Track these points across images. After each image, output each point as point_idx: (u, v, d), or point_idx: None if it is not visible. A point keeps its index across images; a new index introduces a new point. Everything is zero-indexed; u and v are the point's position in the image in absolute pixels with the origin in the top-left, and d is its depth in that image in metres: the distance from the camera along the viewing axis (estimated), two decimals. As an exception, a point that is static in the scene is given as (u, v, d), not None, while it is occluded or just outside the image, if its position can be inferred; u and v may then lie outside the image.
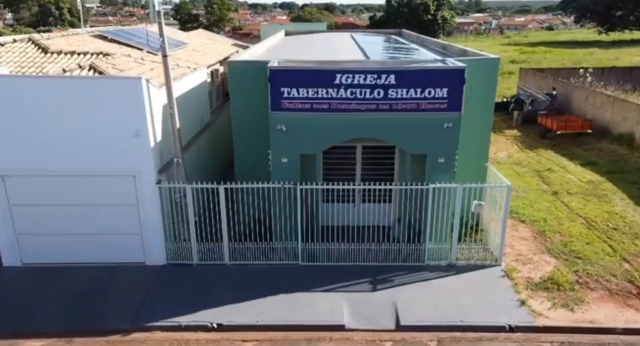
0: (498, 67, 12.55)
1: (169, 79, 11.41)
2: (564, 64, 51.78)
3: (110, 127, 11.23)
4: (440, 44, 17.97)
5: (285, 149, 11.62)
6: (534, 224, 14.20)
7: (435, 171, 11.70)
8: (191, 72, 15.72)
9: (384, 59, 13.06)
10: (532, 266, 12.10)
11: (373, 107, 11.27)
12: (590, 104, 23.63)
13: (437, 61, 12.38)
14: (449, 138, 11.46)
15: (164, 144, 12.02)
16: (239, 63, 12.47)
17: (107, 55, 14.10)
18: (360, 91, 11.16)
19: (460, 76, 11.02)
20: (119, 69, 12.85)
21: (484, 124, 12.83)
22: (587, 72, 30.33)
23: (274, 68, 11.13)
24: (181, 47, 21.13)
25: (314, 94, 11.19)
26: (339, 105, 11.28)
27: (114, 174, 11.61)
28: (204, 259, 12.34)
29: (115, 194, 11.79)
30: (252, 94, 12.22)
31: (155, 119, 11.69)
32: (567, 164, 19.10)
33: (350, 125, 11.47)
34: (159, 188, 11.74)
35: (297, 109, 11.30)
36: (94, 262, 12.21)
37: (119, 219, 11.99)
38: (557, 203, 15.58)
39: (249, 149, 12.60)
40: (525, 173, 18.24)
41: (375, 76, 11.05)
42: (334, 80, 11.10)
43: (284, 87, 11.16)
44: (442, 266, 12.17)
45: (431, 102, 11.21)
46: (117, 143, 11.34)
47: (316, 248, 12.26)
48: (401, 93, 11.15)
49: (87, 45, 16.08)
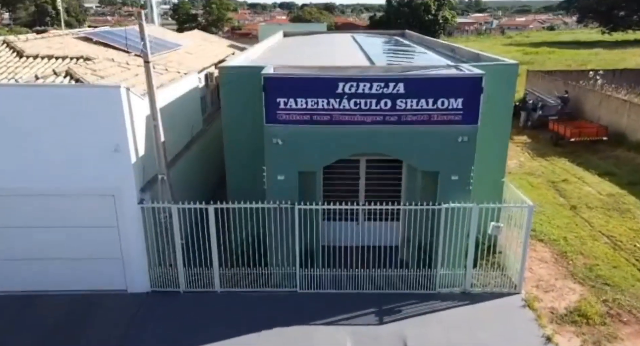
0: (517, 73, 11.38)
1: (151, 87, 10.22)
2: (569, 65, 50.78)
3: (86, 141, 10.06)
4: (448, 46, 16.79)
5: (282, 166, 10.44)
6: (554, 244, 13.02)
7: (449, 189, 10.52)
8: (181, 78, 14.54)
9: (391, 65, 11.90)
10: (556, 294, 10.93)
11: (379, 119, 10.09)
12: (604, 108, 22.46)
13: (450, 67, 11.21)
14: (464, 153, 10.29)
15: (147, 159, 10.84)
16: (231, 69, 11.29)
17: (87, 59, 12.92)
18: (365, 101, 9.98)
19: (477, 85, 9.85)
20: (99, 76, 11.67)
21: (501, 136, 11.66)
22: (597, 74, 29.17)
23: (269, 76, 9.96)
24: (174, 49, 19.95)
25: (314, 104, 10.02)
26: (342, 117, 10.10)
27: (90, 194, 10.43)
28: (193, 286, 11.16)
29: (93, 216, 10.62)
30: (246, 104, 11.03)
31: (138, 132, 10.51)
32: (583, 175, 17.92)
33: (354, 139, 10.30)
34: (142, 209, 10.57)
35: (295, 121, 10.12)
36: (70, 290, 11.01)
37: (98, 243, 10.81)
38: (577, 219, 14.41)
39: (243, 165, 11.41)
40: (540, 185, 17.07)
41: (382, 84, 9.88)
42: (336, 89, 9.93)
43: (280, 97, 9.98)
44: (456, 293, 10.99)
45: (444, 114, 10.03)
46: (94, 159, 10.17)
47: (316, 273, 11.09)
48: (411, 103, 9.98)
49: (69, 49, 14.91)
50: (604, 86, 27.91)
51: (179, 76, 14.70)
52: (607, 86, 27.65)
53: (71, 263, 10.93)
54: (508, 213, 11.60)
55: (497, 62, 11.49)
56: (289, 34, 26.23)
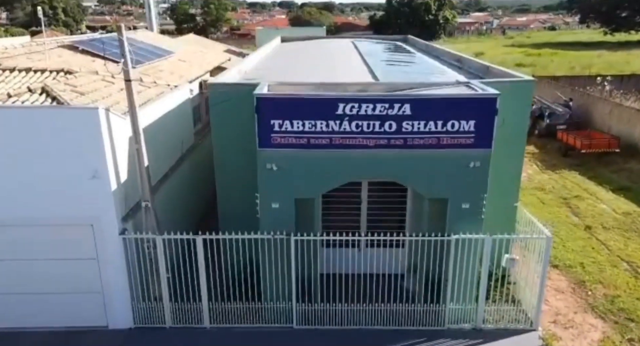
0: (533, 90, 10.47)
1: (134, 108, 9.31)
2: (573, 68, 49.87)
3: (62, 167, 9.15)
4: (454, 56, 15.88)
5: (277, 193, 9.53)
6: (570, 271, 12.13)
7: (459, 218, 9.61)
8: (171, 91, 13.63)
9: (395, 81, 10.99)
10: (576, 332, 10.03)
11: (384, 142, 9.18)
12: (615, 118, 21.56)
13: (460, 85, 10.29)
14: (475, 180, 9.38)
15: (130, 184, 9.93)
16: (221, 87, 10.35)
17: (68, 73, 11.99)
18: (367, 124, 9.07)
19: (492, 106, 8.94)
20: (79, 92, 10.75)
21: (515, 158, 10.75)
22: (605, 80, 28.27)
23: (262, 96, 9.04)
24: (165, 57, 19.02)
25: (312, 127, 9.10)
26: (342, 140, 9.18)
27: (67, 223, 9.52)
28: (180, 321, 10.27)
29: (70, 247, 9.71)
30: (238, 125, 10.09)
31: (119, 156, 9.60)
32: (596, 190, 17.02)
33: (356, 164, 9.39)
34: (123, 239, 9.66)
35: (291, 145, 9.21)
36: (46, 327, 10.11)
37: (76, 276, 9.90)
38: (593, 242, 13.51)
39: (236, 190, 10.47)
40: (551, 202, 16.17)
41: (387, 105, 8.97)
42: (336, 110, 9.02)
43: (275, 119, 9.07)
44: (466, 330, 10.10)
45: (455, 137, 9.12)
46: (70, 186, 9.25)
47: (314, 308, 10.18)
48: (418, 126, 9.07)
49: (51, 59, 13.98)
50: (612, 93, 27.03)
51: (169, 89, 13.78)
52: (615, 93, 26.76)
53: (47, 298, 10.02)
54: (525, 243, 10.69)
55: (512, 79, 10.57)
56: (286, 40, 25.28)
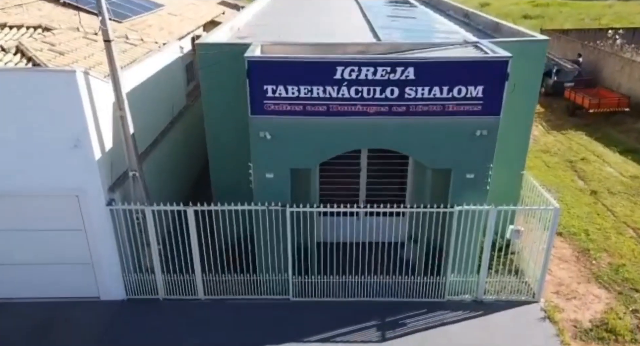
0: (546, 51, 9.74)
1: (115, 71, 8.63)
2: (582, 19, 48.17)
3: (41, 135, 8.60)
4: (462, 10, 14.95)
5: (271, 163, 9.01)
6: (574, 239, 11.79)
7: (463, 188, 9.14)
8: (159, 49, 12.85)
9: (399, 41, 10.23)
10: (579, 303, 9.78)
11: (385, 109, 8.57)
12: (626, 75, 20.71)
13: (468, 45, 9.56)
14: (481, 149, 8.84)
15: (116, 153, 9.40)
16: (211, 47, 9.61)
17: (47, 29, 11.19)
18: (368, 89, 8.43)
19: (502, 70, 8.27)
20: (57, 52, 10.02)
21: (523, 122, 10.17)
22: (617, 33, 27.15)
23: (254, 59, 8.35)
24: (154, 10, 17.99)
25: (308, 92, 8.47)
26: (341, 107, 8.57)
27: (51, 194, 9.07)
28: (173, 293, 10.00)
29: (56, 218, 9.30)
30: (230, 89, 9.48)
31: (103, 123, 9.02)
32: (603, 152, 16.48)
33: (355, 132, 8.82)
34: (111, 211, 9.23)
35: (286, 112, 8.61)
36: (36, 297, 9.87)
37: (64, 247, 9.55)
38: (599, 207, 13.11)
39: (229, 159, 9.94)
40: (556, 165, 15.67)
41: (388, 69, 8.29)
42: (334, 74, 8.35)
43: (268, 84, 8.42)
44: (467, 302, 9.85)
45: (461, 104, 8.51)
46: (52, 156, 8.74)
47: (311, 280, 9.89)
48: (422, 92, 8.43)
49: (30, 12, 13.12)
50: (623, 47, 26.01)
51: (157, 47, 12.99)
52: (627, 47, 25.75)
53: (35, 268, 9.72)
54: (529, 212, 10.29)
55: (524, 39, 9.82)
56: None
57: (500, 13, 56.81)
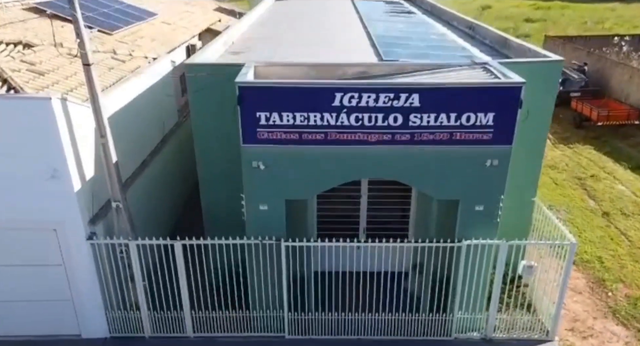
0: (560, 72, 9.08)
1: (96, 98, 7.96)
2: (585, 23, 47.53)
3: (17, 165, 7.94)
4: (466, 22, 14.28)
5: (265, 194, 8.34)
6: (588, 267, 11.13)
7: (471, 221, 8.48)
8: (149, 64, 12.19)
9: (402, 61, 9.56)
10: (596, 342, 9.13)
11: (387, 138, 7.90)
12: (635, 85, 20.04)
13: (476, 66, 8.89)
14: (492, 180, 8.17)
15: (98, 182, 8.74)
16: (200, 68, 8.93)
17: (28, 46, 10.52)
18: (369, 117, 7.77)
19: (515, 97, 7.61)
20: (37, 72, 9.34)
21: (535, 146, 9.51)
22: (623, 40, 26.50)
23: (245, 84, 7.68)
24: (147, 20, 17.34)
25: (304, 120, 7.80)
26: (340, 135, 7.90)
27: (27, 228, 8.41)
28: (160, 330, 9.34)
29: (34, 252, 8.65)
30: (223, 113, 8.78)
31: (83, 151, 8.36)
32: (613, 168, 15.82)
33: (355, 162, 8.15)
34: (92, 245, 8.57)
35: (280, 140, 7.94)
36: (13, 335, 9.21)
37: (42, 283, 8.90)
38: (612, 231, 12.45)
39: (221, 186, 9.26)
40: (565, 182, 15.00)
41: (392, 95, 7.63)
42: (332, 101, 7.69)
43: (261, 111, 7.75)
44: (475, 340, 9.19)
45: (470, 132, 7.84)
46: (27, 187, 8.09)
47: (308, 317, 9.23)
48: (428, 119, 7.76)
49: (14, 26, 12.45)
50: (630, 54, 25.39)
51: (147, 62, 12.33)
52: (633, 54, 25.13)
53: (15, 305, 9.07)
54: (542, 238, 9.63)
55: (537, 59, 9.15)
56: (281, -3, 23.37)
57: (501, 16, 56.14)
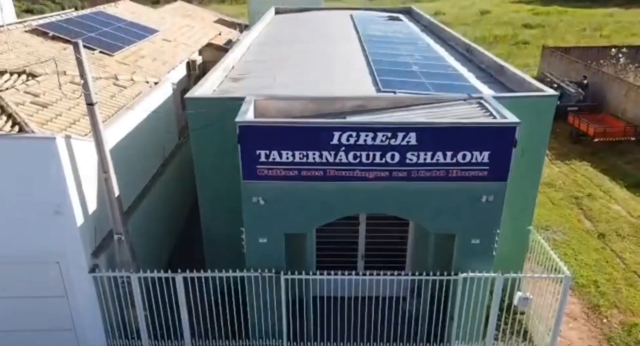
0: (555, 106, 9.23)
1: (99, 136, 8.11)
2: (584, 29, 47.69)
3: (21, 202, 8.10)
4: (464, 44, 14.44)
5: (264, 228, 8.50)
6: (583, 292, 11.28)
7: (467, 255, 8.63)
8: (150, 89, 12.33)
9: (399, 94, 9.69)
10: (590, 371, 9.29)
11: (385, 175, 8.06)
12: (631, 101, 20.19)
13: (472, 101, 9.03)
14: (487, 215, 8.33)
15: (100, 214, 8.88)
16: (201, 103, 9.07)
17: (31, 75, 10.64)
18: (367, 154, 7.92)
19: (510, 136, 7.76)
20: (40, 104, 9.47)
21: (531, 178, 9.64)
22: (620, 51, 26.65)
23: (246, 124, 7.83)
24: (148, 37, 17.50)
25: (303, 157, 7.96)
26: (338, 172, 8.06)
27: (31, 261, 8.55)
28: (161, 359, 9.49)
29: (37, 284, 8.79)
30: (224, 146, 8.93)
31: (86, 185, 8.50)
32: (610, 187, 15.97)
33: (353, 198, 8.30)
34: (94, 277, 8.71)
35: (280, 177, 8.09)
36: (17, 365, 9.36)
37: (45, 313, 9.04)
38: (607, 254, 12.60)
39: (222, 216, 9.37)
40: (561, 202, 15.16)
41: (389, 134, 7.78)
42: (331, 139, 7.84)
43: (261, 149, 7.91)
44: (471, 369, 9.34)
45: (466, 170, 8.00)
46: (31, 223, 8.24)
47: None
48: (424, 157, 7.92)
49: (17, 49, 12.59)
50: (626, 66, 25.55)
51: (148, 86, 12.47)
52: (630, 67, 25.28)
53: (17, 335, 9.20)
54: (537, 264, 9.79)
55: (531, 94, 9.30)
56: (280, 11, 23.56)
57: (500, 21, 56.36)
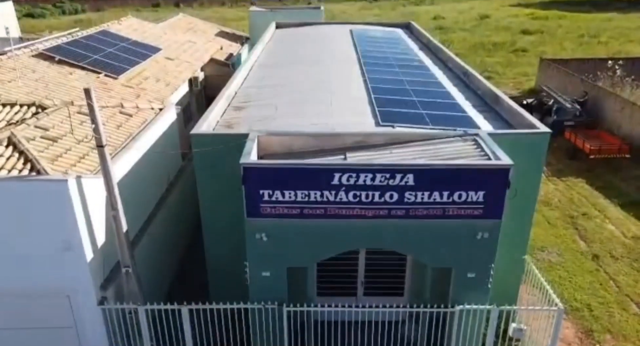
0: (547, 143, 9.53)
1: (108, 174, 8.41)
2: (582, 36, 47.92)
3: (33, 238, 8.42)
4: (461, 67, 14.74)
5: (267, 262, 8.81)
6: (577, 316, 11.58)
7: (464, 287, 8.96)
8: (155, 115, 12.63)
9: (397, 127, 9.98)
10: (582, 398, 9.59)
11: (384, 213, 8.38)
12: (626, 117, 20.49)
13: (467, 137, 9.34)
14: (483, 250, 8.65)
15: (108, 247, 9.19)
16: (206, 139, 9.38)
17: (41, 107, 10.94)
18: (366, 194, 8.24)
19: (504, 177, 8.08)
20: (50, 139, 9.77)
21: (525, 211, 9.93)
22: (617, 64, 26.91)
23: (250, 165, 8.14)
24: (151, 57, 17.80)
25: (305, 197, 8.27)
26: (339, 210, 8.38)
27: (42, 294, 8.87)
28: (167, 386, 9.79)
29: (47, 316, 9.11)
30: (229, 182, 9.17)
31: (95, 221, 8.82)
32: (605, 206, 16.27)
33: (353, 234, 8.63)
34: (103, 310, 9.02)
35: (282, 214, 8.41)
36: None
37: (55, 344, 9.34)
38: (601, 276, 12.91)
39: (228, 253, 9.63)
40: (557, 222, 15.46)
41: (388, 175, 8.10)
42: (332, 180, 8.16)
43: (264, 189, 8.22)
44: (467, 397, 9.64)
45: (462, 208, 8.32)
46: (43, 258, 8.56)
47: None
48: (422, 197, 8.24)
49: (25, 77, 12.89)
50: (623, 79, 25.81)
51: (152, 113, 12.77)
52: (627, 79, 25.55)
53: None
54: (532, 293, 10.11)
55: (525, 131, 9.60)
56: (281, 26, 23.88)
57: (499, 26, 56.56)
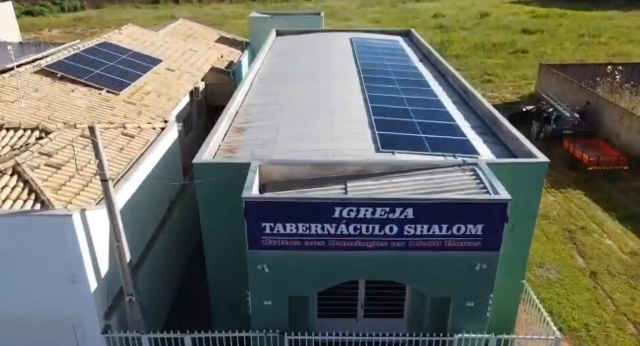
0: (545, 172, 9.64)
1: (112, 207, 8.53)
2: (582, 35, 47.87)
3: (38, 271, 8.55)
4: (460, 84, 14.82)
5: (269, 292, 8.95)
6: (574, 336, 11.74)
7: (462, 316, 9.11)
8: (157, 134, 12.72)
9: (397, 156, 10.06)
10: None
11: (384, 245, 8.51)
12: (625, 127, 20.58)
13: (466, 167, 9.45)
14: (481, 280, 8.79)
15: (110, 277, 9.32)
16: (208, 167, 9.49)
17: (44, 132, 11.04)
18: (367, 227, 8.37)
19: (502, 212, 8.21)
20: (54, 166, 9.89)
21: (523, 237, 10.05)
22: (616, 69, 26.96)
23: (251, 199, 8.26)
24: (152, 69, 17.83)
25: (306, 230, 8.40)
26: (339, 242, 8.51)
27: (46, 323, 9.01)
28: None
29: (52, 344, 9.25)
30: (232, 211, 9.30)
31: (99, 252, 8.95)
32: (603, 219, 16.40)
33: (353, 266, 8.77)
34: (106, 338, 9.17)
35: (283, 246, 8.54)
36: None
37: (60, 370, 9.51)
38: (598, 293, 13.06)
39: (230, 282, 9.75)
40: (555, 236, 15.59)
41: (388, 209, 8.23)
42: (332, 213, 8.28)
43: (266, 222, 8.35)
44: None
45: (460, 241, 8.45)
46: (48, 289, 8.69)
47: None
48: (421, 230, 8.37)
49: (27, 96, 12.96)
50: (622, 85, 25.87)
51: (155, 132, 12.86)
52: (626, 85, 25.60)
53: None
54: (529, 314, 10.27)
55: (523, 161, 9.72)
56: (281, 33, 23.91)
57: (499, 25, 56.46)
